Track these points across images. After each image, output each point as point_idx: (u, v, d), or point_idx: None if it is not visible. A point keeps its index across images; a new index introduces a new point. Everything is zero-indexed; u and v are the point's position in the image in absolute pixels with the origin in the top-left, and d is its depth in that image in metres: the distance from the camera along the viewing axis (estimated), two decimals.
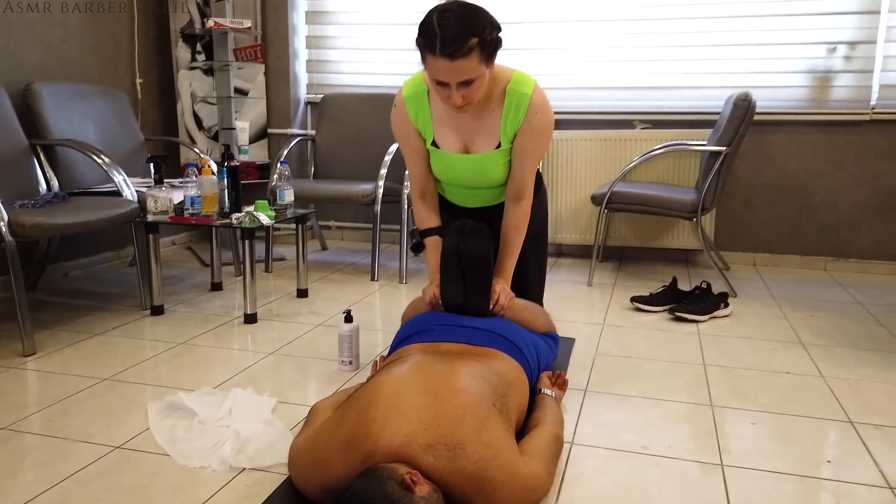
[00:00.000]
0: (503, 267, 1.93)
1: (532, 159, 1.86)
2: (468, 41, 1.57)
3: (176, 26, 3.71)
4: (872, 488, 1.45)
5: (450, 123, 1.85)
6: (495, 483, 1.23)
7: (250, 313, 2.52)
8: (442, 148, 1.88)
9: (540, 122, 1.80)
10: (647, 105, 3.61)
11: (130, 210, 2.55)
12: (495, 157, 1.86)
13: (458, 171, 1.91)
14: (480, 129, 1.84)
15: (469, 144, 1.87)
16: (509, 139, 1.84)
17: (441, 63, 1.59)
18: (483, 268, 1.77)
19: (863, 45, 3.32)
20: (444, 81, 1.63)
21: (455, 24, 1.57)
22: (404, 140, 1.94)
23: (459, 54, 1.57)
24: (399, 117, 1.91)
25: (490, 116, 1.82)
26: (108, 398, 1.86)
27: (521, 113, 1.79)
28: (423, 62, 1.66)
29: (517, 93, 1.78)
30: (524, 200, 1.91)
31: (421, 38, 1.62)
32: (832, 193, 3.48)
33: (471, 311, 1.80)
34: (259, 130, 3.94)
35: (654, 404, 1.87)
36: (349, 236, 4.21)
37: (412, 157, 1.95)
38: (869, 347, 2.35)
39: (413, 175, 1.98)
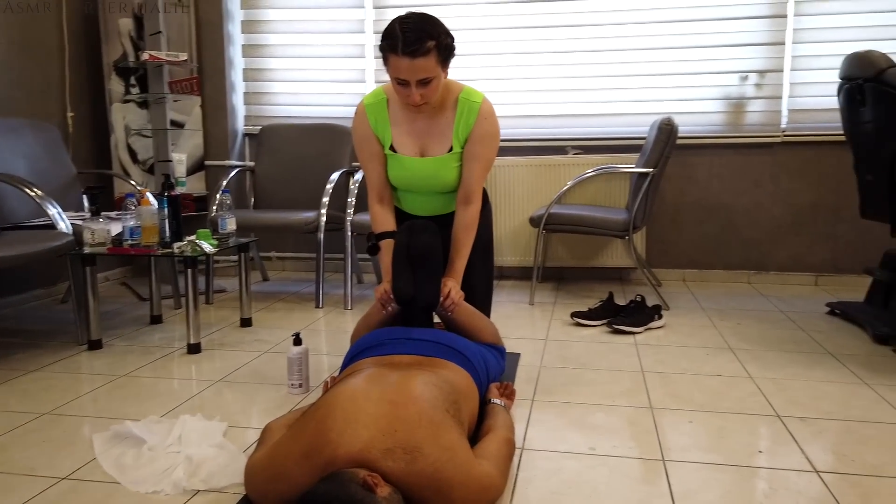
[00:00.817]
0: (454, 266, 2.04)
1: (480, 164, 2.01)
2: (427, 42, 1.77)
3: (109, 59, 3.67)
4: (801, 473, 1.56)
5: (407, 128, 2.00)
6: (452, 484, 1.26)
7: (194, 343, 2.49)
8: (399, 152, 2.02)
9: (488, 128, 1.99)
10: (578, 132, 3.79)
11: (66, 242, 2.50)
12: (448, 160, 2.00)
13: (413, 174, 2.03)
14: (435, 134, 2.00)
15: (424, 148, 2.02)
16: (461, 143, 2.00)
17: (403, 62, 1.78)
18: (433, 261, 1.88)
19: (772, 73, 3.59)
20: (405, 80, 1.81)
21: (415, 28, 1.78)
22: (364, 146, 2.06)
23: (419, 53, 1.76)
24: (360, 124, 2.05)
25: (444, 122, 1.99)
26: (50, 432, 1.81)
27: (472, 119, 1.97)
28: (385, 64, 1.84)
29: (468, 101, 1.98)
30: (473, 204, 2.04)
31: (384, 41, 1.81)
32: (752, 211, 3.71)
33: (421, 304, 1.87)
34: (196, 162, 3.91)
35: (598, 409, 1.95)
36: (291, 266, 4.19)
37: (371, 163, 2.07)
38: (791, 350, 2.51)
39: (371, 180, 2.09)
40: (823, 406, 1.96)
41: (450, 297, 1.95)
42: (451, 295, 1.95)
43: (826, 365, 2.33)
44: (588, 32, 3.70)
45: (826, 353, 2.47)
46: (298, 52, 3.98)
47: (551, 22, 3.73)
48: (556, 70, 3.76)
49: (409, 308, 1.93)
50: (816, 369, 2.28)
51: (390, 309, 1.98)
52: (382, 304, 1.98)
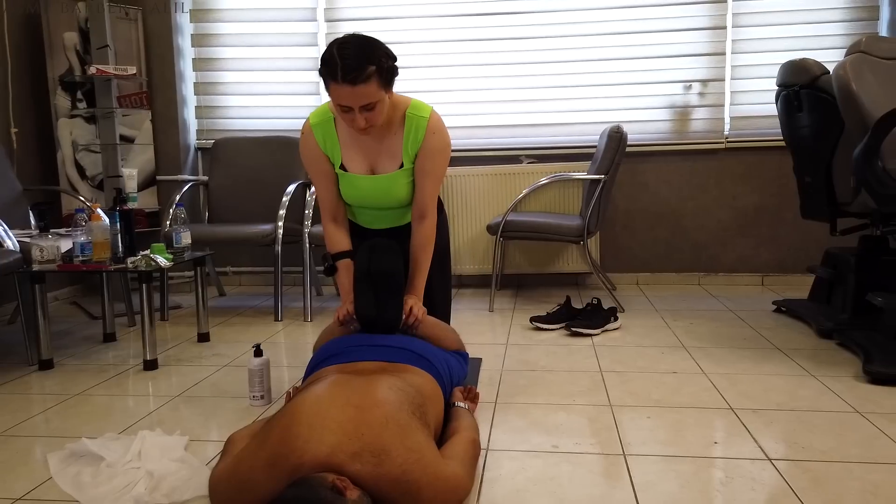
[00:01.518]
0: (414, 284, 2.03)
1: (432, 179, 2.00)
2: (367, 69, 1.72)
3: (54, 74, 3.59)
4: (755, 461, 1.62)
5: (356, 147, 1.97)
6: (420, 485, 1.28)
7: (150, 359, 2.44)
8: (350, 171, 1.99)
9: (437, 143, 1.97)
10: (531, 141, 3.86)
11: (13, 260, 2.42)
12: (399, 176, 1.99)
13: (365, 192, 2.01)
14: (384, 151, 1.97)
15: (374, 166, 2.00)
16: (411, 159, 1.98)
17: (344, 89, 1.73)
18: (394, 283, 1.87)
19: (714, 82, 3.73)
20: (348, 106, 1.77)
21: (354, 54, 1.72)
22: (313, 166, 2.03)
23: (360, 80, 1.72)
24: (307, 144, 2.01)
25: (392, 139, 1.96)
26: (3, 453, 1.75)
27: (420, 134, 1.95)
28: (327, 90, 1.79)
29: (416, 116, 1.95)
30: (428, 219, 2.03)
31: (324, 67, 1.75)
32: (699, 215, 3.84)
33: (384, 324, 1.87)
34: (147, 178, 3.84)
35: (559, 409, 1.99)
36: (247, 281, 4.14)
37: (321, 182, 2.04)
38: (742, 346, 2.60)
39: (323, 200, 2.06)
40: (773, 398, 2.04)
41: (412, 314, 1.94)
42: (414, 312, 1.94)
43: (774, 359, 2.42)
44: (538, 44, 3.79)
45: (774, 348, 2.57)
46: (250, 65, 3.96)
47: (504, 34, 3.80)
48: (509, 81, 3.83)
49: (373, 329, 1.92)
50: (766, 364, 2.37)
51: (353, 328, 1.98)
52: (344, 324, 1.97)
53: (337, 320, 1.98)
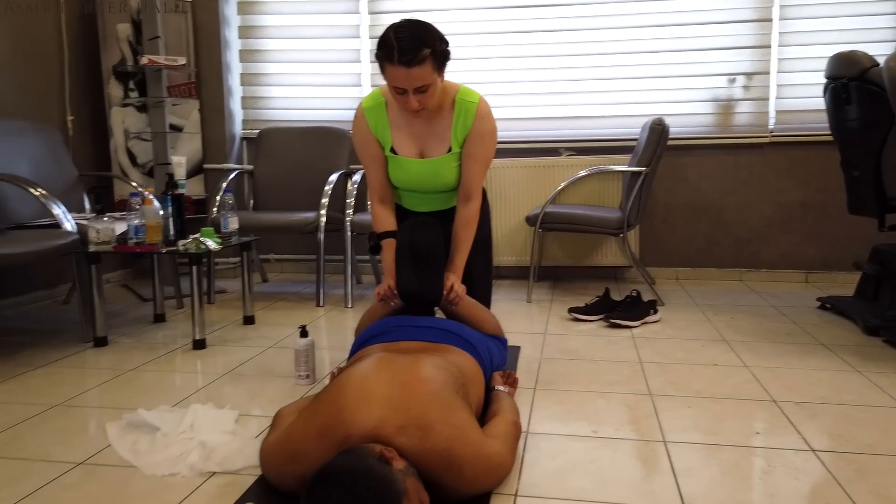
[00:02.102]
0: (454, 262, 2.07)
1: (479, 163, 2.04)
2: (422, 51, 1.78)
3: (108, 64, 3.71)
4: (798, 452, 1.62)
5: (407, 131, 2.02)
6: (463, 460, 1.31)
7: (199, 339, 2.52)
8: (399, 154, 2.04)
9: (485, 127, 2.01)
10: (571, 134, 3.86)
11: (71, 241, 2.53)
12: (447, 160, 2.04)
13: (414, 175, 2.06)
14: (433, 135, 2.02)
15: (424, 150, 2.05)
16: (459, 143, 2.03)
17: (399, 71, 1.79)
18: (435, 256, 1.93)
19: (759, 75, 3.68)
20: (402, 88, 1.83)
21: (410, 37, 1.78)
22: (364, 148, 2.08)
23: (415, 62, 1.78)
24: (359, 127, 2.07)
25: (442, 124, 2.01)
26: (62, 421, 1.84)
27: (469, 119, 2.00)
28: (382, 72, 1.85)
29: (465, 101, 2.00)
30: (473, 201, 2.08)
31: (380, 50, 1.81)
32: (742, 210, 3.79)
33: (424, 299, 1.92)
34: (195, 166, 3.94)
35: (598, 396, 2.00)
36: (289, 268, 4.23)
37: (371, 164, 2.10)
38: (785, 341, 2.57)
39: (372, 182, 2.12)
40: (817, 392, 2.02)
41: (453, 291, 1.99)
42: (455, 289, 1.99)
43: (819, 355, 2.39)
44: (580, 37, 3.78)
45: (818, 343, 2.53)
46: (295, 56, 4.03)
47: (544, 26, 3.80)
48: (549, 73, 3.83)
49: (413, 304, 1.97)
50: (810, 359, 2.35)
51: (393, 304, 2.02)
52: (385, 300, 2.02)
53: (377, 296, 2.03)
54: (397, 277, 1.96)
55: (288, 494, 1.37)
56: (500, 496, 1.41)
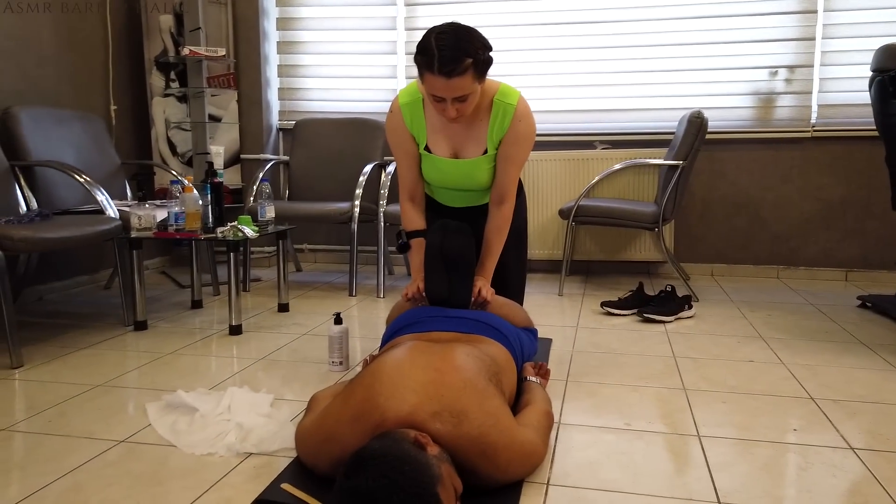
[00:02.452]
0: (485, 266, 2.05)
1: (514, 165, 2.00)
2: (463, 61, 1.71)
3: (150, 55, 3.79)
4: (836, 449, 1.59)
5: (442, 131, 1.99)
6: (497, 447, 1.31)
7: (235, 325, 2.57)
8: (434, 153, 2.01)
9: (523, 130, 1.95)
10: (606, 127, 3.82)
11: (114, 227, 2.59)
12: (482, 162, 2.00)
13: (447, 175, 2.04)
14: (470, 137, 1.98)
15: (459, 150, 2.01)
16: (495, 145, 1.98)
17: (438, 81, 1.74)
18: (465, 263, 1.89)
19: (801, 68, 3.60)
20: (441, 97, 1.77)
21: (452, 46, 1.71)
22: (398, 144, 2.05)
23: (455, 73, 1.72)
24: (395, 122, 2.03)
25: (478, 125, 1.96)
26: (104, 401, 1.89)
27: (507, 121, 1.94)
28: (420, 78, 1.80)
29: (503, 103, 1.94)
30: (506, 204, 2.04)
31: (420, 56, 1.75)
32: (780, 206, 3.72)
33: (454, 303, 1.90)
34: (232, 156, 4.01)
35: (631, 390, 1.99)
36: (322, 258, 4.27)
37: (404, 160, 2.07)
38: (823, 339, 2.52)
39: (403, 178, 2.10)
40: (857, 390, 1.98)
41: (480, 295, 1.96)
42: (483, 294, 1.96)
43: (858, 353, 2.34)
44: (617, 28, 3.74)
45: (858, 342, 2.48)
46: (331, 48, 4.07)
47: (581, 18, 3.77)
48: (585, 65, 3.80)
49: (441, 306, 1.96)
50: (848, 357, 2.30)
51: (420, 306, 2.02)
52: (413, 302, 2.00)
53: (405, 296, 2.01)
54: (427, 282, 1.92)
55: (322, 477, 1.39)
56: (531, 485, 1.41)
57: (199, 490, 1.39)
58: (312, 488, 1.36)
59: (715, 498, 1.36)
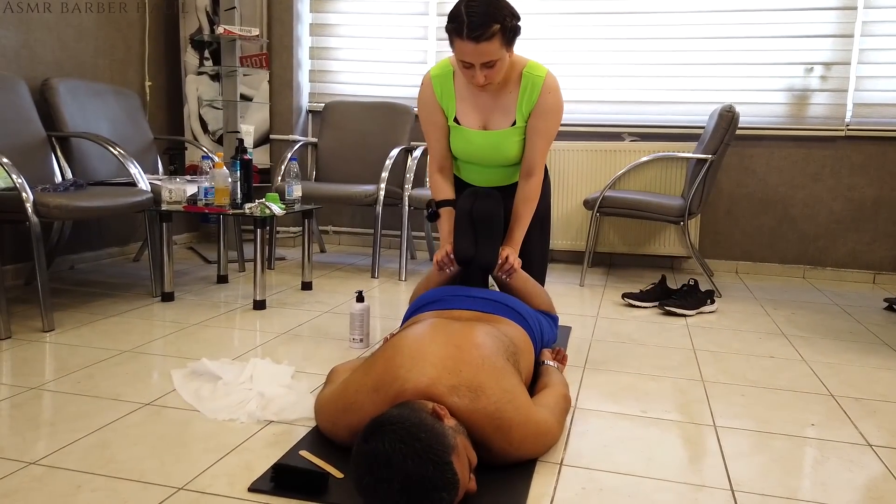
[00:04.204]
0: (513, 235, 2.09)
1: (543, 138, 2.04)
2: (491, 27, 1.78)
3: (185, 33, 3.84)
4: (854, 445, 1.58)
5: (472, 102, 2.04)
6: (512, 423, 1.33)
7: (259, 300, 2.61)
8: (463, 124, 2.06)
9: (552, 102, 2.00)
10: (634, 119, 3.80)
11: (146, 199, 2.65)
12: (511, 133, 2.04)
13: (476, 147, 2.08)
14: (498, 108, 2.03)
15: (488, 122, 2.06)
16: (524, 117, 2.03)
17: (467, 46, 1.80)
18: (494, 224, 1.95)
19: (838, 66, 3.54)
20: (470, 62, 1.83)
21: (480, 12, 1.77)
22: (427, 115, 2.11)
23: (483, 38, 1.78)
24: (425, 95, 2.09)
25: (508, 97, 2.01)
26: (132, 365, 1.94)
27: (536, 93, 1.99)
28: (451, 45, 1.86)
29: (532, 76, 1.99)
30: (535, 177, 2.08)
31: (450, 24, 1.82)
32: (810, 205, 3.67)
33: (481, 263, 1.95)
34: (262, 136, 4.05)
35: (649, 379, 1.99)
36: (346, 241, 4.31)
37: (433, 132, 2.12)
38: (847, 339, 2.49)
39: (433, 150, 2.15)
40: (878, 389, 1.96)
41: (508, 262, 2.00)
42: (510, 260, 2.00)
43: (882, 354, 2.31)
44: (648, 19, 3.71)
45: (882, 343, 2.45)
46: (363, 32, 4.08)
47: (611, 8, 3.74)
48: (615, 56, 3.77)
49: (468, 268, 2.00)
50: (872, 357, 2.27)
51: (448, 272, 2.05)
52: (441, 266, 2.05)
53: (435, 264, 2.06)
54: (455, 243, 1.99)
55: (340, 445, 1.42)
56: (545, 464, 1.43)
57: (220, 453, 1.43)
58: (330, 457, 1.39)
59: (728, 486, 1.37)
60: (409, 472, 1.06)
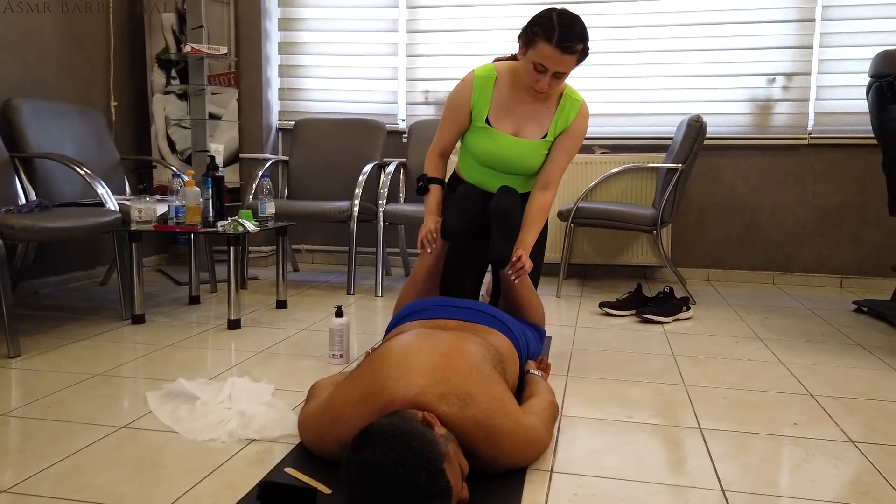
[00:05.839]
0: (524, 239, 2.09)
1: (567, 156, 2.12)
2: (578, 44, 1.89)
3: (152, 51, 3.79)
4: (837, 442, 1.60)
5: (508, 110, 2.09)
6: (501, 431, 1.32)
7: (234, 319, 2.56)
8: (495, 127, 2.10)
9: (583, 126, 2.12)
10: (605, 131, 3.85)
11: (114, 219, 2.58)
12: (539, 145, 2.10)
13: (502, 151, 2.11)
14: (534, 119, 2.09)
15: (520, 130, 2.11)
16: (556, 133, 2.10)
17: (553, 52, 1.88)
18: (512, 220, 1.98)
19: (799, 76, 3.64)
20: (546, 68, 1.90)
21: (573, 27, 1.89)
22: (454, 113, 2.13)
23: (570, 51, 1.88)
24: (462, 91, 2.11)
25: (545, 111, 2.09)
26: (104, 389, 1.88)
27: (572, 115, 2.08)
28: (527, 46, 1.93)
29: (571, 98, 2.10)
30: (550, 191, 2.14)
31: (537, 27, 1.90)
32: (777, 212, 3.75)
33: (494, 258, 1.97)
34: (231, 155, 4.01)
35: (632, 385, 1.99)
36: (319, 259, 4.27)
37: (451, 127, 2.16)
38: (820, 341, 2.54)
39: (442, 139, 2.19)
40: (855, 388, 1.99)
41: (520, 261, 2.00)
42: (522, 260, 2.01)
43: (855, 354, 2.36)
44: (617, 34, 3.77)
45: (855, 343, 2.50)
46: (333, 49, 4.08)
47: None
48: (584, 70, 3.83)
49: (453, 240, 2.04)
50: (846, 357, 2.31)
51: (430, 251, 2.06)
52: (425, 244, 2.07)
53: (419, 244, 2.09)
54: (444, 215, 2.03)
55: (326, 461, 1.39)
56: (535, 472, 1.41)
57: (201, 473, 1.38)
58: (316, 473, 1.36)
59: (718, 486, 1.36)
60: (401, 481, 1.04)
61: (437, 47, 3.96)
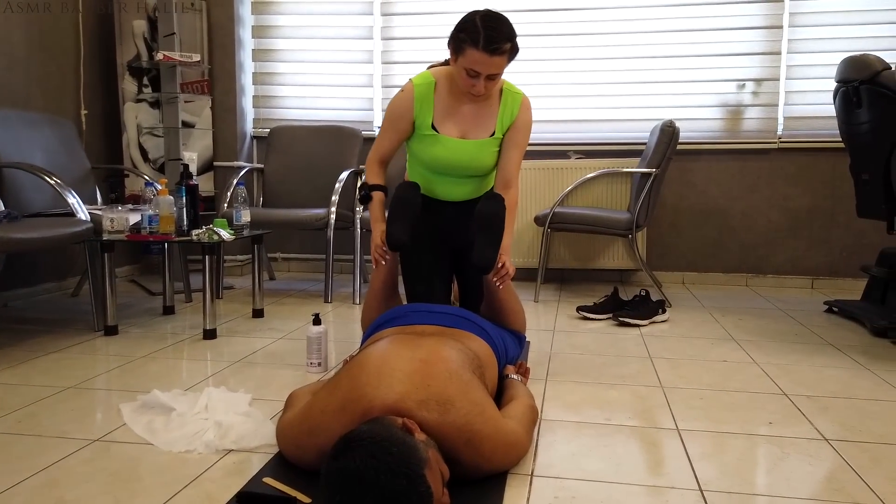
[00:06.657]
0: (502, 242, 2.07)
1: (519, 150, 2.14)
2: (506, 44, 1.91)
3: (123, 59, 3.74)
4: (811, 440, 1.62)
5: (451, 113, 2.10)
6: (482, 436, 1.32)
7: (210, 328, 2.53)
8: (442, 133, 2.10)
9: (528, 118, 2.14)
10: (579, 137, 3.88)
11: (85, 229, 2.54)
12: (488, 144, 2.12)
13: (453, 155, 2.11)
14: (478, 120, 2.11)
15: (467, 132, 2.11)
16: (503, 130, 2.12)
17: (481, 56, 1.89)
18: (496, 226, 1.97)
19: (768, 81, 3.71)
20: (477, 72, 1.92)
21: (499, 28, 1.90)
22: (395, 121, 2.12)
23: (498, 52, 1.90)
24: (402, 100, 2.10)
25: (488, 109, 2.11)
26: (77, 402, 1.84)
27: (516, 109, 2.11)
28: (456, 54, 1.94)
29: (512, 92, 2.12)
30: (512, 188, 2.14)
31: (463, 33, 1.91)
32: (748, 215, 3.81)
33: (479, 264, 1.95)
34: (205, 163, 3.97)
35: (609, 388, 2.01)
36: (296, 267, 4.24)
37: (391, 135, 2.15)
38: (793, 341, 2.58)
39: (381, 146, 2.17)
40: (828, 387, 2.03)
41: (505, 267, 2.01)
42: (507, 266, 2.02)
43: (828, 353, 2.40)
44: (590, 41, 3.81)
45: (827, 343, 2.54)
46: (307, 56, 4.07)
47: (554, 30, 3.84)
48: (559, 77, 3.86)
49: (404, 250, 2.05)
50: (819, 357, 2.35)
51: (383, 263, 2.06)
52: (379, 257, 2.06)
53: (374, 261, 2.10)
54: (387, 227, 2.00)
55: (306, 470, 1.38)
56: (516, 476, 1.41)
57: (178, 485, 1.36)
58: (294, 482, 1.34)
59: (696, 486, 1.38)
60: (382, 488, 1.03)
61: (411, 54, 3.97)
